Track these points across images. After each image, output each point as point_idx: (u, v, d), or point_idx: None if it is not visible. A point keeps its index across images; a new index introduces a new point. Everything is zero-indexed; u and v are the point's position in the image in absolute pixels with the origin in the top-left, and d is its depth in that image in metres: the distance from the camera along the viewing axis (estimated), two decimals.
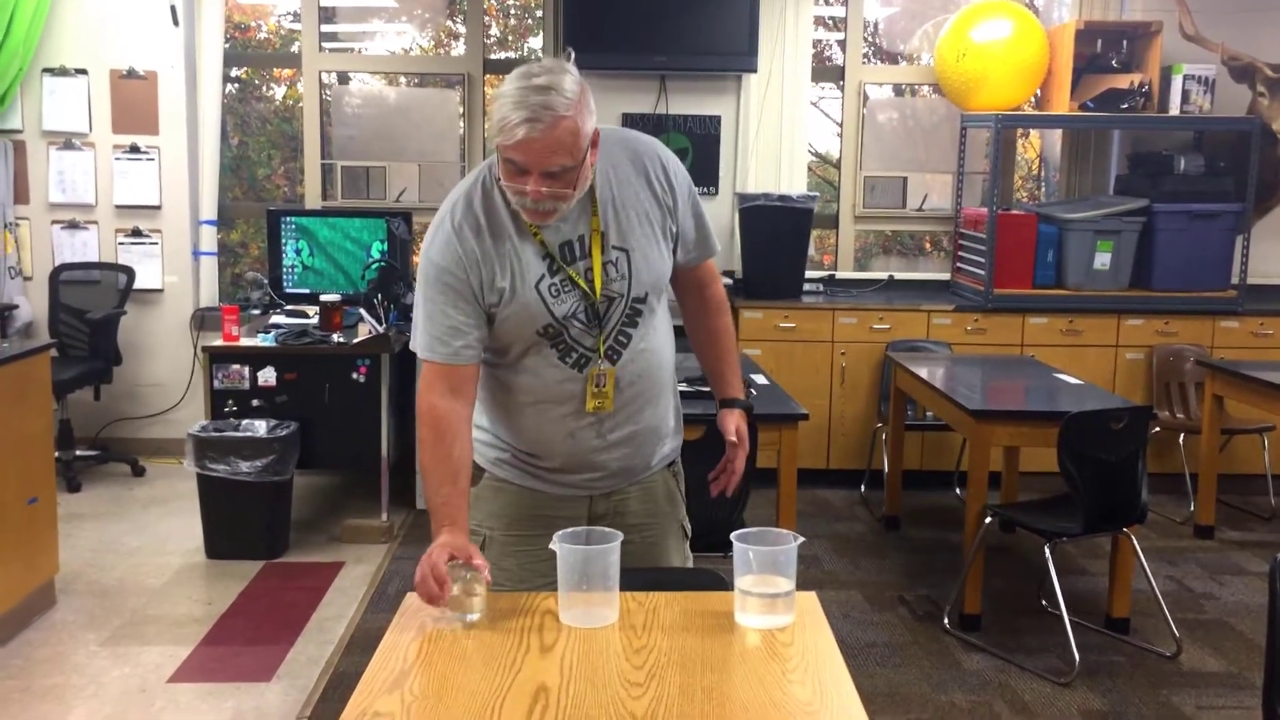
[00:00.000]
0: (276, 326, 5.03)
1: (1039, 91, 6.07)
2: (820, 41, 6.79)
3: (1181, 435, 5.55)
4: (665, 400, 2.33)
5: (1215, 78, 5.77)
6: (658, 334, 2.27)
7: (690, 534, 2.47)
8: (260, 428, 4.64)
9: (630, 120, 5.99)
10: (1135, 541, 3.94)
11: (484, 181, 2.15)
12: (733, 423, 2.40)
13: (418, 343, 2.16)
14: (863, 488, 5.75)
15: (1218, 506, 5.18)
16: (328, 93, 6.46)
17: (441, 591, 1.94)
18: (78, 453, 5.67)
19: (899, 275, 6.43)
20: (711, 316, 2.44)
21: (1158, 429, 5.51)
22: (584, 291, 2.14)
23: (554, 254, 2.12)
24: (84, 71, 5.89)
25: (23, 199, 5.94)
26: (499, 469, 2.29)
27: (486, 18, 6.61)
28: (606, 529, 2.01)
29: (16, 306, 5.81)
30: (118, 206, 5.98)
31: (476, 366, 2.17)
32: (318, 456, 4.86)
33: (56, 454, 4.56)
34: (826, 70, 6.55)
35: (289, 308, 5.44)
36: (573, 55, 2.06)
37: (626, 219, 2.17)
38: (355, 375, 4.81)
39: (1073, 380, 4.66)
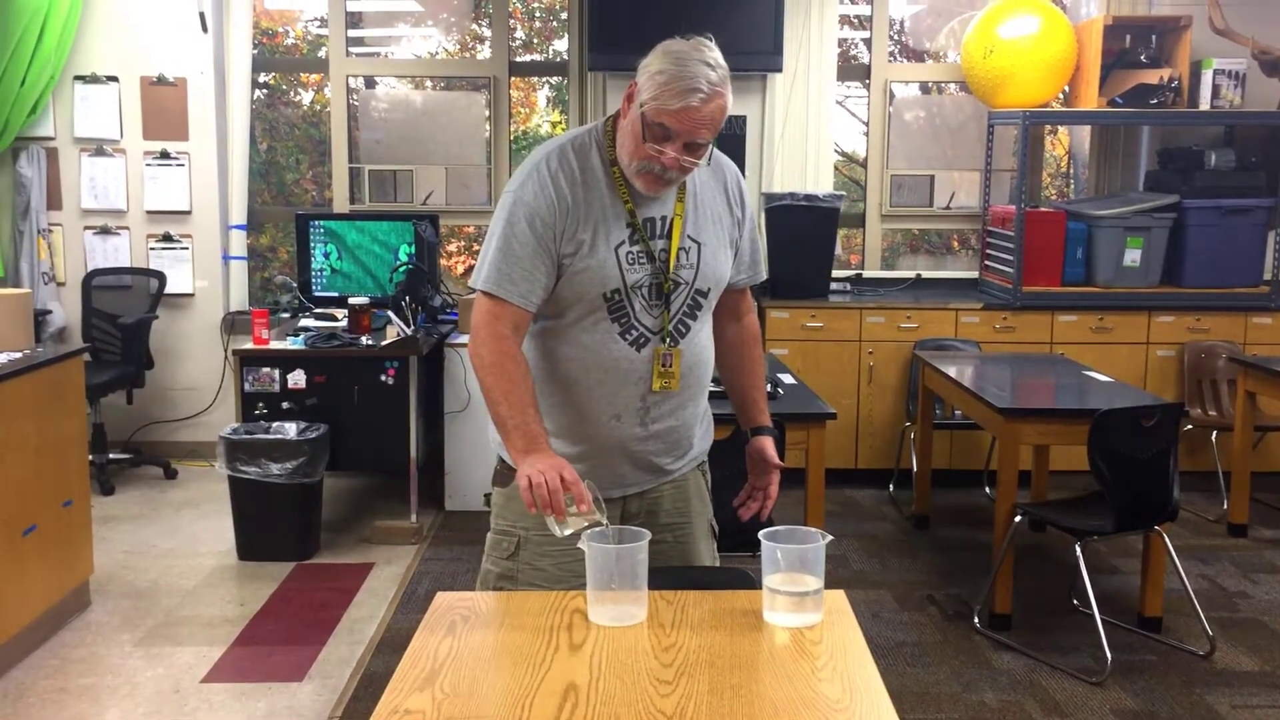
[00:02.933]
0: (306, 329, 5.07)
1: (1067, 88, 6.04)
2: (846, 40, 6.78)
3: (1214, 432, 5.51)
4: (703, 400, 2.39)
5: (1246, 72, 5.72)
6: (707, 334, 2.34)
7: (718, 533, 2.49)
8: (290, 430, 4.68)
9: None
10: (1167, 540, 3.90)
11: (583, 141, 2.22)
12: (771, 447, 2.45)
13: (486, 277, 2.16)
14: (891, 487, 5.73)
15: (1251, 504, 5.13)
16: (355, 97, 6.50)
17: (580, 508, 2.00)
18: (111, 456, 5.73)
19: (926, 274, 6.41)
20: (748, 345, 2.50)
21: (1190, 426, 5.46)
22: (656, 268, 2.20)
23: (638, 224, 2.19)
24: (115, 78, 5.96)
25: (55, 205, 6.01)
26: None
27: (512, 21, 6.64)
28: (636, 528, 2.02)
29: (50, 312, 5.88)
30: (149, 212, 6.04)
31: (531, 316, 2.20)
32: (347, 458, 4.89)
33: (90, 457, 4.61)
34: (852, 69, 6.53)
35: (318, 311, 5.48)
36: (712, 38, 2.15)
37: (703, 215, 2.27)
38: (384, 377, 4.84)
39: (1103, 378, 4.63)
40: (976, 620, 4.07)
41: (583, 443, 2.26)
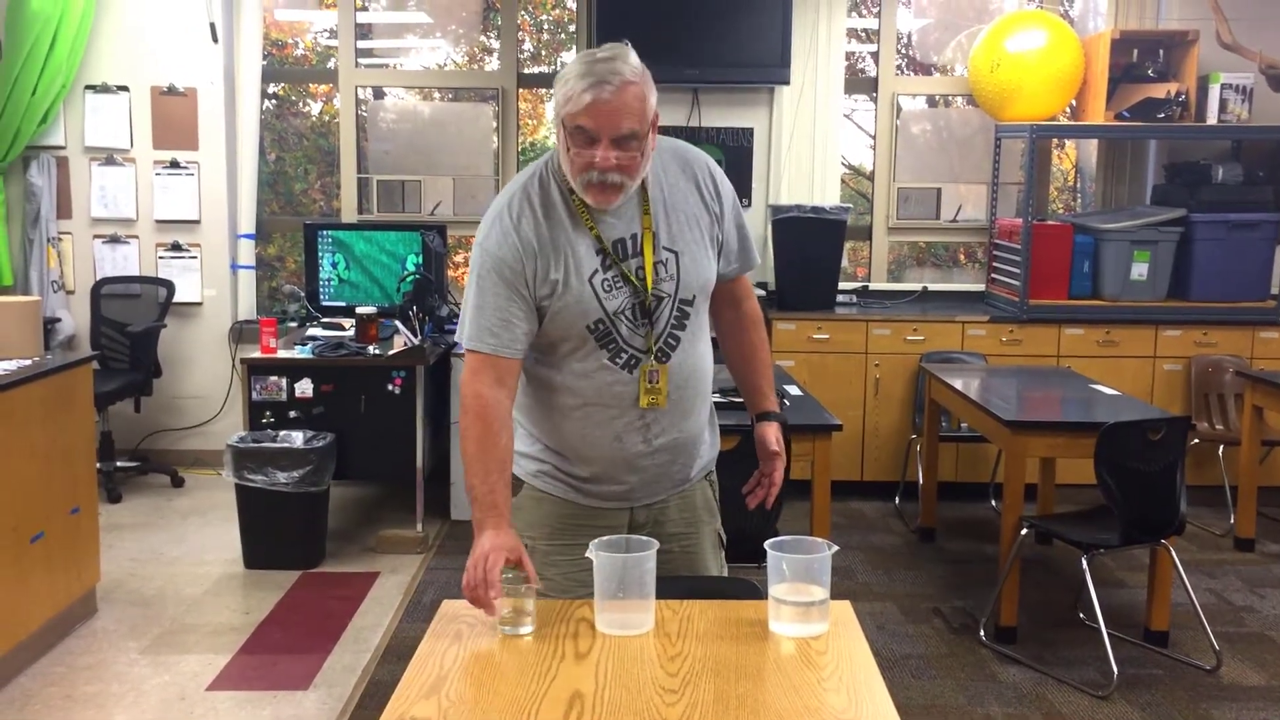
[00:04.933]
0: (313, 339, 5.08)
1: (1074, 101, 6.04)
2: (853, 53, 6.80)
3: (1221, 447, 5.50)
4: (705, 410, 2.36)
5: (1253, 86, 5.73)
6: (702, 342, 2.31)
7: (725, 543, 2.48)
8: (297, 439, 4.68)
9: (663, 132, 5.99)
10: (1174, 553, 3.90)
11: (540, 176, 2.19)
12: (772, 434, 2.41)
13: (465, 333, 2.18)
14: (897, 499, 5.72)
15: (1258, 519, 5.11)
16: (363, 108, 6.53)
17: (490, 596, 1.96)
18: (118, 464, 5.74)
19: (933, 286, 6.41)
20: (748, 330, 2.46)
21: (1196, 440, 5.46)
22: (634, 288, 2.17)
23: (608, 249, 2.16)
24: (125, 88, 5.99)
25: (65, 214, 6.04)
26: (538, 480, 2.31)
27: (520, 32, 6.66)
28: (644, 537, 2.02)
29: (59, 320, 5.90)
30: (158, 221, 6.07)
31: (520, 361, 2.19)
32: (353, 467, 4.90)
33: (98, 465, 4.62)
34: (859, 82, 6.55)
35: (325, 320, 5.50)
36: (628, 43, 2.13)
37: (676, 221, 2.22)
38: (391, 387, 4.85)
39: (1109, 391, 4.63)
40: (982, 633, 4.07)
41: (589, 464, 2.26)
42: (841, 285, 6.05)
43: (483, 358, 2.15)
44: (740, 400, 2.57)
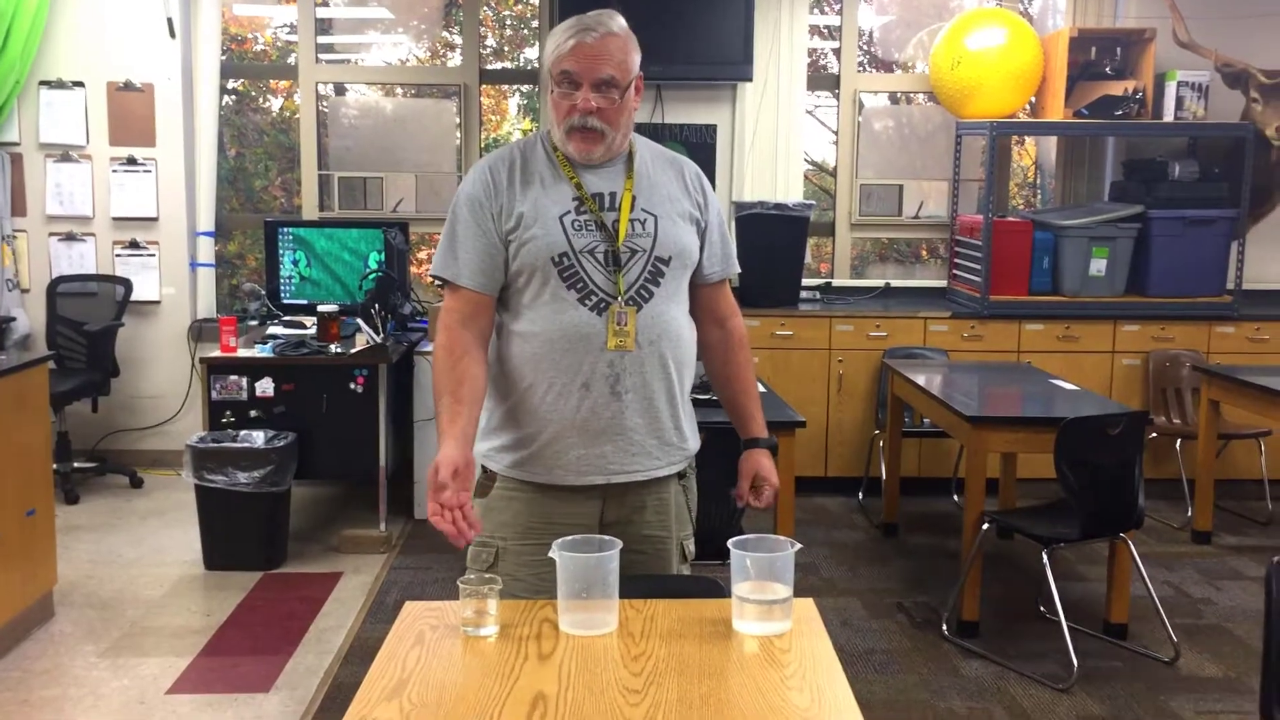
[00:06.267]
0: (274, 337, 5.04)
1: (1033, 99, 6.09)
2: (815, 50, 6.82)
3: (1178, 441, 5.56)
4: (677, 384, 2.32)
5: (1209, 84, 5.80)
6: (679, 308, 2.33)
7: (691, 557, 2.45)
8: (258, 438, 4.64)
9: None
10: (1133, 547, 3.94)
11: (529, 140, 2.34)
12: (758, 464, 2.40)
13: (433, 264, 2.30)
14: (860, 495, 5.75)
15: (1215, 512, 5.18)
16: (324, 104, 6.47)
17: (470, 531, 2.07)
18: (76, 465, 5.67)
19: (895, 283, 6.45)
20: (734, 350, 2.46)
21: (1154, 434, 5.52)
22: (607, 234, 2.23)
23: (585, 197, 2.24)
24: (81, 84, 5.91)
25: (20, 211, 5.95)
26: (514, 471, 2.29)
27: (483, 29, 6.63)
28: (608, 537, 2.01)
29: (14, 319, 5.81)
30: (115, 218, 5.99)
31: (485, 299, 2.26)
32: (315, 467, 4.86)
33: (54, 466, 4.56)
34: (822, 79, 6.57)
35: (286, 318, 5.45)
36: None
37: (656, 192, 2.31)
38: (353, 385, 4.82)
39: (1069, 386, 4.67)
40: (945, 627, 4.10)
41: (557, 422, 2.23)
42: (805, 281, 6.07)
43: (451, 292, 2.26)
44: (705, 398, 2.56)
